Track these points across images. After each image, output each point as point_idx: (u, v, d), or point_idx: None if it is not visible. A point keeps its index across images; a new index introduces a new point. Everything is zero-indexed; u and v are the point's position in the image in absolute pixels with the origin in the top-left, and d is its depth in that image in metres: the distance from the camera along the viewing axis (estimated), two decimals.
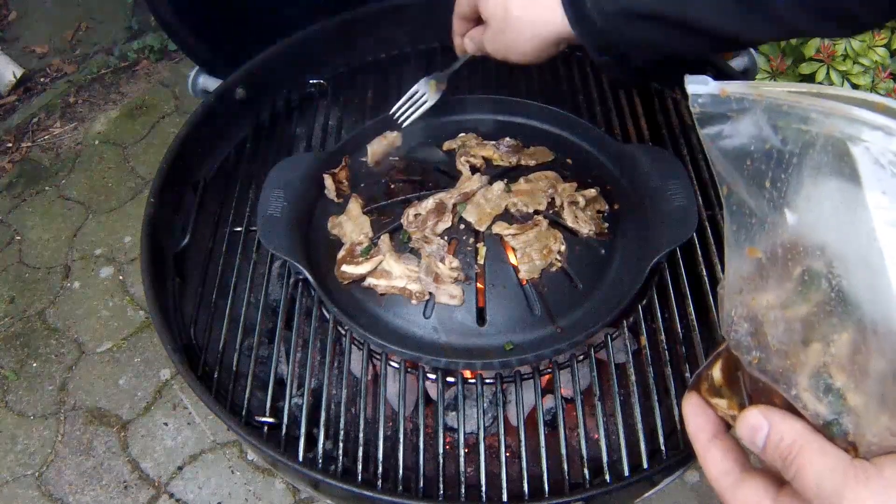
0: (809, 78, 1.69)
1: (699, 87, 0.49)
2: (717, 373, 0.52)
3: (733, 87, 0.48)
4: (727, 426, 0.52)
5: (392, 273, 0.98)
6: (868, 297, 0.41)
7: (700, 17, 0.70)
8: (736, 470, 0.49)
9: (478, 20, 0.97)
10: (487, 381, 0.99)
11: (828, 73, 1.64)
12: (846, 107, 0.42)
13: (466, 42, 1.00)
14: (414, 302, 0.97)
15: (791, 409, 0.45)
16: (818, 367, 0.44)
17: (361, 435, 0.91)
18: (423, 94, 1.12)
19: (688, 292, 1.02)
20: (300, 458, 0.88)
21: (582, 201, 1.05)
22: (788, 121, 0.44)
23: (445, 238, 1.00)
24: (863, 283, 0.41)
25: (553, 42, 0.85)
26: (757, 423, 0.46)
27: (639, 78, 0.78)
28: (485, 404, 1.05)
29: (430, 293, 0.97)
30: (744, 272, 0.49)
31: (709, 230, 1.08)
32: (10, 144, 2.49)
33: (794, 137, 0.44)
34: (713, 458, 0.50)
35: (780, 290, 0.46)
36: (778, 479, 0.46)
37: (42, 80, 2.73)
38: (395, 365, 1.00)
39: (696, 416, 0.52)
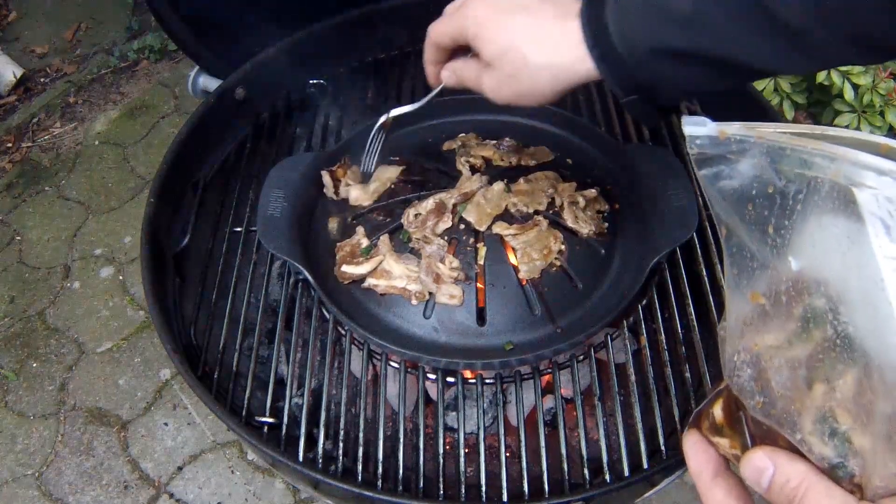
0: (810, 78, 1.69)
1: (697, 128, 0.48)
2: (718, 412, 0.52)
3: (733, 129, 0.47)
4: (728, 463, 0.52)
5: (392, 273, 0.98)
6: (874, 342, 0.40)
7: (738, 54, 0.65)
8: None
9: (458, 50, 0.84)
10: (487, 381, 0.99)
11: (828, 73, 1.64)
12: (851, 151, 0.40)
13: (445, 74, 0.85)
14: (414, 302, 0.97)
15: (796, 450, 0.45)
16: (823, 410, 0.44)
17: (361, 435, 0.91)
18: (379, 133, 1.06)
19: (688, 292, 1.02)
20: (300, 458, 0.88)
21: (582, 201, 1.05)
22: (791, 165, 0.43)
23: (445, 238, 1.00)
24: (868, 328, 0.41)
25: (574, 85, 0.75)
26: (762, 464, 0.46)
27: (664, 115, 0.71)
28: (485, 404, 1.05)
29: (431, 293, 0.97)
30: (746, 316, 0.48)
31: (709, 230, 1.08)
32: (10, 144, 2.49)
33: (798, 182, 0.43)
34: (716, 498, 0.50)
35: (784, 335, 0.46)
36: None
37: (42, 80, 2.73)
38: (395, 365, 1.00)
39: (698, 453, 0.52)
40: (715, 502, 0.50)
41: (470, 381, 0.99)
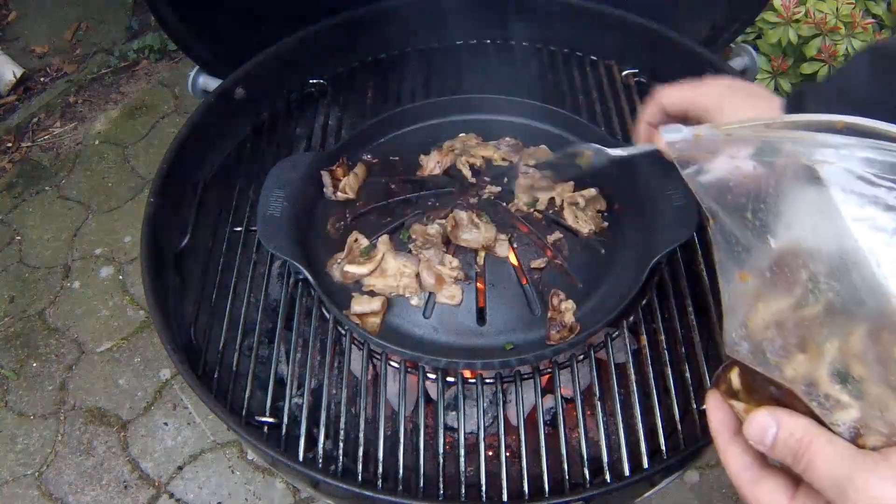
0: (811, 77, 1.68)
1: (674, 135, 0.53)
2: (734, 377, 0.54)
3: (704, 131, 0.52)
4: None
5: (387, 272, 0.98)
6: (866, 297, 0.44)
7: None
8: (755, 466, 0.51)
9: (675, 118, 0.87)
10: (487, 380, 0.99)
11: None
12: (810, 134, 0.45)
13: (664, 143, 0.90)
14: (413, 302, 0.97)
15: (808, 414, 0.47)
16: (813, 373, 0.47)
17: (361, 435, 0.91)
18: (570, 163, 1.02)
19: (688, 292, 1.02)
20: (300, 458, 0.88)
21: (582, 201, 1.05)
22: (759, 154, 0.48)
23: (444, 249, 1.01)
24: (856, 286, 0.44)
25: None
26: (765, 422, 0.48)
27: None
28: (485, 404, 1.05)
29: (430, 293, 0.97)
30: (737, 296, 0.51)
31: (709, 230, 1.08)
32: (10, 144, 2.49)
33: (767, 168, 0.48)
34: (734, 454, 0.52)
35: (773, 307, 0.49)
36: (794, 480, 0.49)
37: (42, 80, 2.73)
38: (395, 365, 1.00)
39: (718, 412, 0.54)
40: (732, 457, 0.52)
41: (470, 380, 0.99)
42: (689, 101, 0.85)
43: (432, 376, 0.98)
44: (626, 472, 0.87)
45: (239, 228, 1.14)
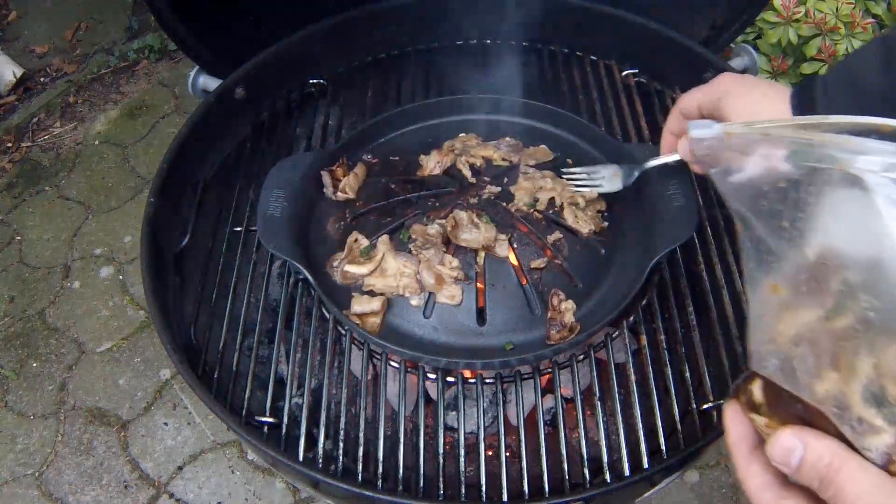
0: (810, 77, 1.68)
1: (704, 131, 0.49)
2: (757, 390, 0.51)
3: (736, 129, 0.48)
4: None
5: (387, 272, 0.98)
6: None
7: None
8: (776, 485, 0.48)
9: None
10: (487, 380, 0.99)
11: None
12: (856, 139, 0.41)
13: (681, 144, 0.87)
14: (413, 302, 0.97)
15: (835, 434, 0.45)
16: (845, 394, 0.44)
17: (361, 435, 0.91)
18: (601, 177, 1.05)
19: (688, 292, 1.02)
20: (300, 458, 0.88)
21: (582, 201, 1.05)
22: (799, 158, 0.44)
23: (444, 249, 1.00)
24: (893, 298, 0.41)
25: None
26: (791, 443, 0.45)
27: None
28: (485, 404, 1.05)
29: (430, 293, 0.97)
30: (767, 309, 0.48)
31: (709, 230, 1.08)
32: (10, 144, 2.49)
33: (808, 174, 0.44)
34: (754, 471, 0.49)
35: (806, 322, 0.46)
36: (816, 499, 0.46)
37: (42, 80, 2.72)
38: (395, 365, 1.00)
39: (737, 425, 0.51)
40: (751, 475, 0.49)
41: (470, 380, 0.99)
42: (700, 100, 0.85)
43: (432, 376, 0.98)
44: (626, 472, 0.87)
45: (239, 228, 1.14)
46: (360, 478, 0.87)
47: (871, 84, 0.69)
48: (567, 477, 0.88)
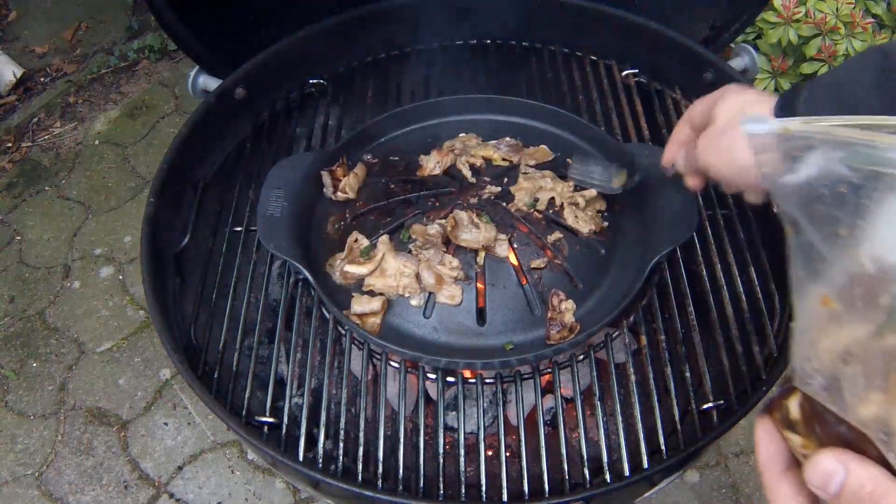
0: (811, 77, 1.68)
1: (758, 126, 0.45)
2: (794, 407, 0.47)
3: (796, 126, 0.43)
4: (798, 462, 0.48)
5: (387, 272, 0.98)
6: None
7: None
8: None
9: (698, 130, 0.84)
10: (487, 380, 0.99)
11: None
12: None
13: (679, 157, 0.86)
14: (413, 302, 0.97)
15: (880, 461, 0.42)
16: (892, 417, 0.41)
17: (361, 435, 0.91)
18: (603, 179, 1.04)
19: (688, 292, 1.02)
20: (300, 458, 0.88)
21: (582, 201, 1.05)
22: (863, 161, 0.40)
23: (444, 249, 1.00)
24: None
25: None
26: (831, 467, 0.42)
27: None
28: (485, 404, 1.05)
29: (430, 293, 0.97)
30: (816, 321, 0.45)
31: (709, 230, 1.08)
32: (10, 144, 2.48)
33: (871, 179, 0.40)
34: (785, 494, 0.47)
35: (861, 340, 0.42)
36: None
37: (42, 80, 2.72)
38: (395, 365, 1.00)
39: (769, 443, 0.48)
40: (783, 498, 0.47)
41: (470, 380, 0.99)
42: (708, 103, 0.82)
43: (432, 376, 0.98)
44: (626, 472, 0.87)
45: (239, 228, 1.14)
46: (360, 478, 0.87)
47: (860, 102, 0.63)
48: (567, 477, 0.88)
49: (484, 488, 0.87)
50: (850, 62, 0.67)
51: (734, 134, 0.72)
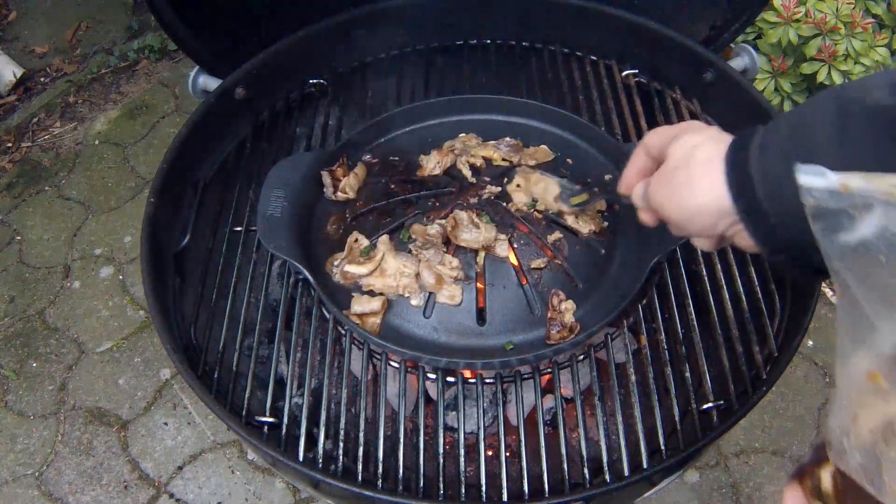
0: (811, 78, 1.69)
1: (815, 178, 0.42)
2: (826, 477, 0.46)
3: (856, 183, 0.40)
4: None
5: (387, 272, 0.98)
6: None
7: None
8: None
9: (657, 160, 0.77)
10: (487, 380, 0.99)
11: (829, 72, 1.64)
12: None
13: (637, 188, 0.78)
14: (413, 302, 0.97)
15: None
16: None
17: (361, 435, 0.91)
18: (567, 193, 1.01)
19: (688, 292, 1.02)
20: (300, 458, 0.88)
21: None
22: None
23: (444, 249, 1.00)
24: None
25: (714, 214, 0.64)
26: None
27: (819, 274, 0.61)
28: (485, 404, 1.05)
29: (430, 293, 0.97)
30: (859, 397, 0.42)
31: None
32: (10, 144, 2.48)
33: None
34: None
35: None
36: None
37: (42, 80, 2.72)
38: (395, 365, 1.00)
39: None
40: None
41: (470, 380, 0.99)
42: (665, 136, 0.73)
43: (432, 376, 0.98)
44: (626, 472, 0.87)
45: (239, 228, 1.14)
46: (360, 478, 0.87)
47: (818, 147, 0.56)
48: (567, 477, 0.88)
49: (484, 488, 0.87)
50: (807, 105, 0.60)
51: (686, 174, 0.66)
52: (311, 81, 1.34)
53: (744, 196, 0.61)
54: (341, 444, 0.92)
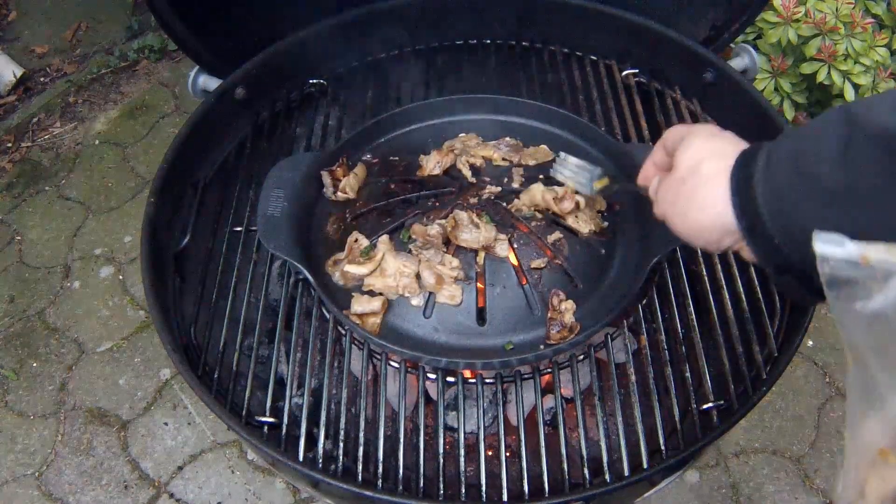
0: (811, 77, 1.68)
1: (832, 248, 0.41)
2: None
3: (877, 255, 0.39)
4: None
5: (387, 271, 0.98)
6: None
7: None
8: None
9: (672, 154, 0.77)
10: (487, 380, 0.99)
11: (829, 72, 1.64)
12: None
13: (654, 182, 0.78)
14: (413, 302, 0.97)
15: None
16: None
17: (361, 435, 0.91)
18: (587, 178, 0.98)
19: (688, 292, 1.02)
20: (300, 458, 0.88)
21: (582, 202, 1.05)
22: None
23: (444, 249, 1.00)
24: None
25: (718, 231, 0.65)
26: None
27: (822, 298, 0.58)
28: (485, 404, 1.05)
29: (430, 293, 0.97)
30: (867, 469, 0.41)
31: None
32: (10, 144, 2.48)
33: None
34: None
35: None
36: None
37: (42, 80, 2.72)
38: (395, 365, 1.00)
39: None
40: None
41: (470, 380, 0.99)
42: (680, 133, 0.74)
43: (432, 376, 0.98)
44: (626, 472, 0.87)
45: (239, 228, 1.14)
46: (360, 478, 0.87)
47: (821, 174, 0.55)
48: (567, 477, 0.88)
49: (484, 488, 0.87)
50: (813, 125, 0.59)
51: (691, 190, 0.66)
52: (311, 81, 1.34)
53: (747, 216, 0.61)
54: (341, 444, 0.92)
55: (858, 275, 0.40)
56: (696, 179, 0.66)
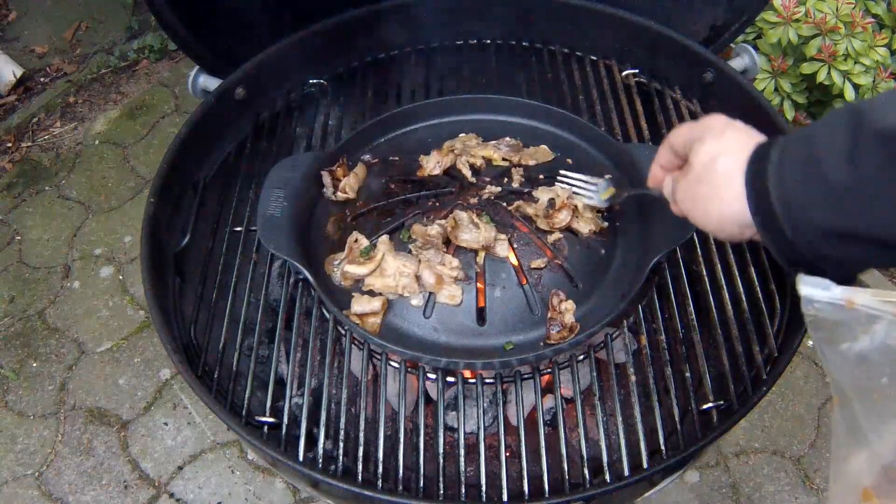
0: (811, 77, 1.68)
1: (817, 291, 0.42)
2: None
3: (863, 300, 0.40)
4: None
5: (387, 272, 0.98)
6: None
7: None
8: None
9: (681, 156, 0.78)
10: (487, 380, 0.99)
11: (829, 72, 1.64)
12: None
13: (666, 182, 0.79)
14: (413, 302, 0.97)
15: None
16: None
17: (361, 435, 0.91)
18: (594, 190, 1.03)
19: (688, 292, 1.02)
20: (300, 458, 0.88)
21: (580, 203, 1.05)
22: None
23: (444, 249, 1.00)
24: None
25: (738, 224, 0.66)
26: None
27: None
28: (485, 404, 1.05)
29: (430, 293, 0.97)
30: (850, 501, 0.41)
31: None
32: (10, 144, 2.48)
33: None
34: None
35: None
36: None
37: (42, 80, 2.72)
38: (395, 365, 1.00)
39: None
40: None
41: (470, 380, 0.99)
42: (689, 134, 0.74)
43: (432, 376, 0.98)
44: (626, 471, 0.87)
45: (239, 228, 1.14)
46: (360, 478, 0.87)
47: (830, 171, 0.57)
48: (567, 477, 0.88)
49: (484, 488, 0.87)
50: (821, 124, 0.61)
51: (708, 187, 0.68)
52: (311, 81, 1.34)
53: (761, 211, 0.63)
54: (341, 444, 0.92)
55: (844, 317, 0.41)
56: (713, 177, 0.68)
